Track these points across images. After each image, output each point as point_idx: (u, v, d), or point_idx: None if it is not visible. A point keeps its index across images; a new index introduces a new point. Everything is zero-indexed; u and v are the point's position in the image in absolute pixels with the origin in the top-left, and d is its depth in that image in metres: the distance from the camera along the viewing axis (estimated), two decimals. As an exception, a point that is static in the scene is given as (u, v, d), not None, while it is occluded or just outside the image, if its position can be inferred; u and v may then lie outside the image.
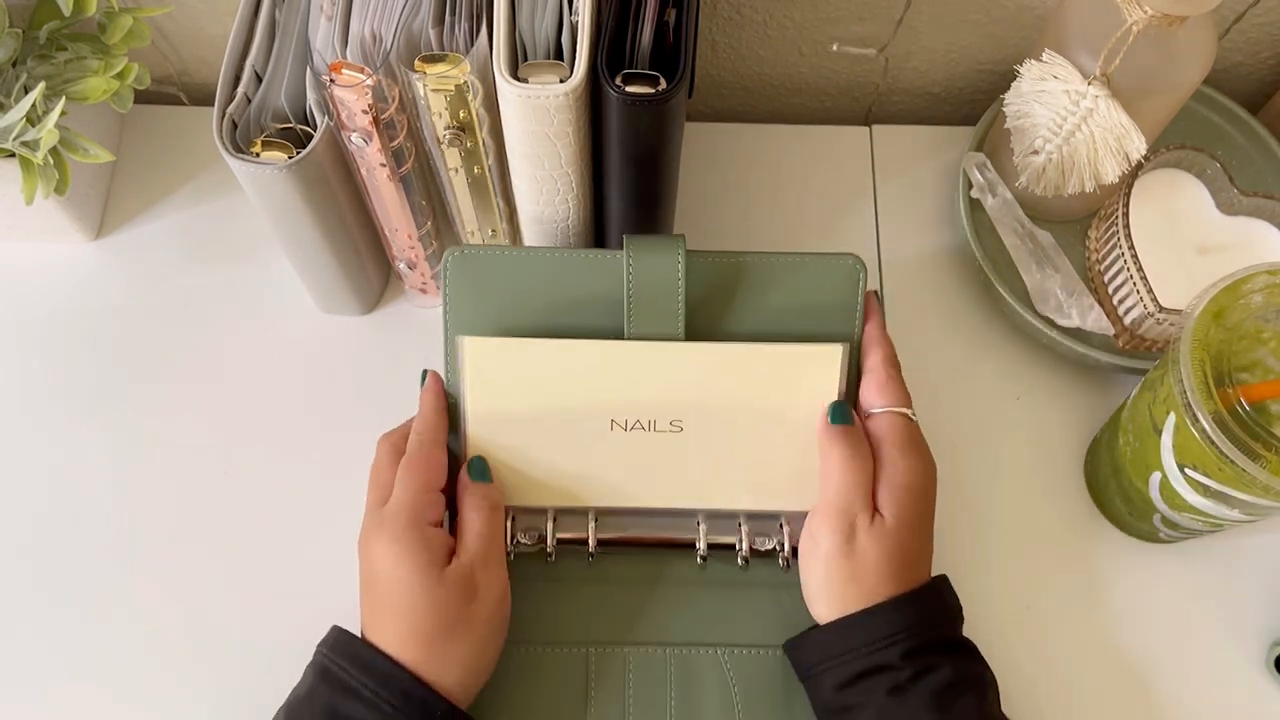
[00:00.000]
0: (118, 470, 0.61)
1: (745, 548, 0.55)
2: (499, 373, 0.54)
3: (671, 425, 0.55)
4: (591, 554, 0.55)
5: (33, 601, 0.58)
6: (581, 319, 0.55)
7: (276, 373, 0.64)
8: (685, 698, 0.54)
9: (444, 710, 0.48)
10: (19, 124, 0.55)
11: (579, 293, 0.55)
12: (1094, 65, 0.55)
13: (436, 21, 0.51)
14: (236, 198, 0.68)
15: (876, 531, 0.50)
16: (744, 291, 0.55)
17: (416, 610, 0.48)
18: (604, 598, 0.56)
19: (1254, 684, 0.58)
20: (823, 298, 0.55)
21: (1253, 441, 0.47)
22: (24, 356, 0.64)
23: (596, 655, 0.55)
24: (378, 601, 0.49)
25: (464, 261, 0.54)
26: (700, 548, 0.56)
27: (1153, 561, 0.60)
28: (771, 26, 0.68)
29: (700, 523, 0.56)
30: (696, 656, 0.55)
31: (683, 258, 0.53)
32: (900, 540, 0.50)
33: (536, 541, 0.55)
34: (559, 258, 0.55)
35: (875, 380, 0.54)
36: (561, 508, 0.56)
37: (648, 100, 0.48)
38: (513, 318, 0.55)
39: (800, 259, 0.55)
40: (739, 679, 0.54)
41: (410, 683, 0.47)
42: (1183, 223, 0.62)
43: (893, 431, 0.52)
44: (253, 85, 0.53)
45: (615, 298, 0.54)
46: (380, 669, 0.48)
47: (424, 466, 0.52)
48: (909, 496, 0.51)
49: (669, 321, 0.54)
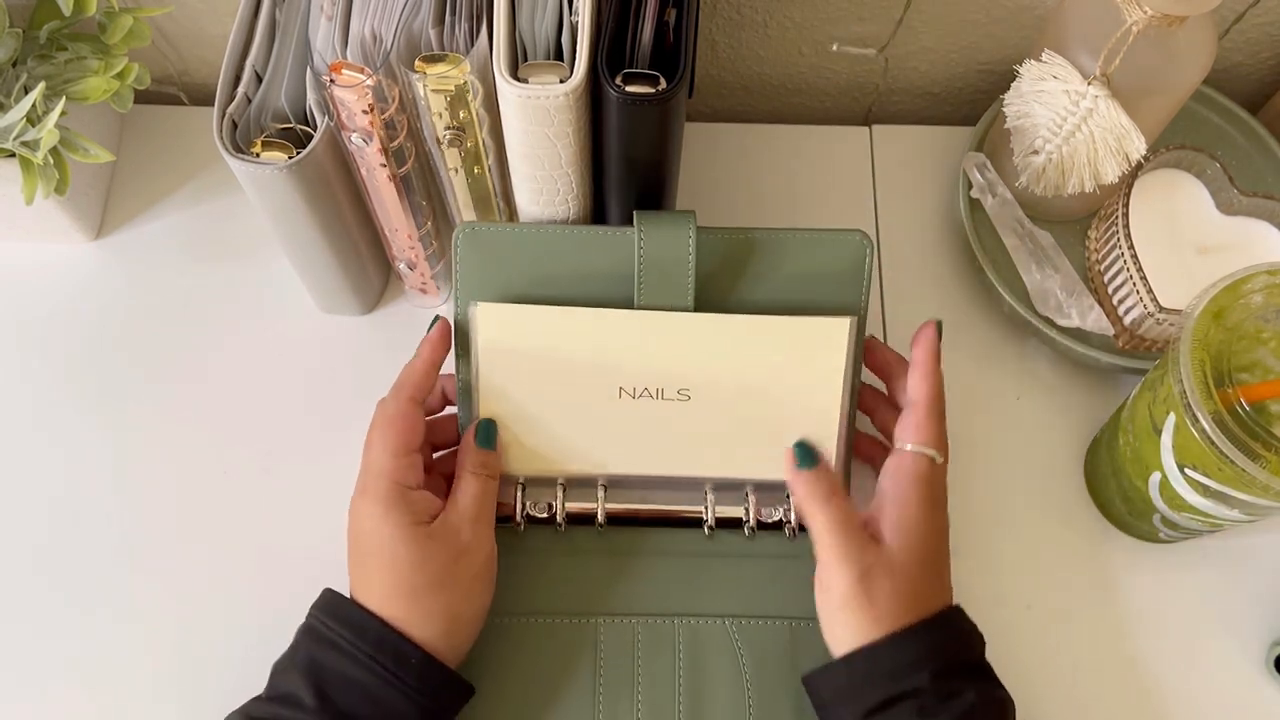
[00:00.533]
0: (118, 470, 0.61)
1: (752, 517, 0.56)
2: (510, 339, 0.55)
3: (679, 394, 0.55)
4: (601, 525, 0.56)
5: (33, 601, 0.58)
6: (590, 294, 0.55)
7: (276, 373, 0.64)
8: (693, 668, 0.54)
9: (419, 658, 0.48)
10: (19, 124, 0.55)
11: (588, 269, 0.55)
12: (1094, 65, 0.55)
13: (436, 21, 0.51)
14: (236, 198, 0.68)
15: (885, 567, 0.50)
16: (753, 266, 0.55)
17: (399, 565, 0.49)
18: (613, 569, 0.56)
19: (1254, 684, 0.58)
20: (830, 272, 0.55)
21: (1252, 441, 0.47)
22: (24, 356, 0.64)
23: (605, 626, 0.55)
24: (364, 561, 0.50)
25: (475, 237, 0.55)
26: (708, 518, 0.56)
27: (1153, 561, 0.60)
28: (771, 26, 0.68)
29: (708, 492, 0.57)
30: (705, 627, 0.55)
31: (693, 232, 0.53)
32: (910, 576, 0.50)
33: (546, 513, 0.56)
34: (569, 234, 0.55)
35: (913, 418, 0.53)
36: (570, 475, 0.56)
37: (648, 100, 0.48)
38: (522, 292, 0.55)
39: (809, 235, 0.55)
40: (747, 649, 0.54)
41: (384, 631, 0.48)
42: (1182, 223, 0.62)
43: (913, 471, 0.52)
44: (253, 85, 0.53)
45: (624, 273, 0.54)
46: (356, 620, 0.49)
47: (402, 428, 0.52)
48: (918, 534, 0.51)
49: (679, 293, 0.54)
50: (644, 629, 0.55)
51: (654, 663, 0.54)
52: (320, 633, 0.49)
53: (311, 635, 0.50)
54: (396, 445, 0.51)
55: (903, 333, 0.65)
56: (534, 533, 0.56)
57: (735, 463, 0.56)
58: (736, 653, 0.55)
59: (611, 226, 0.55)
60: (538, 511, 0.56)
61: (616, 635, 0.55)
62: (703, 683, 0.54)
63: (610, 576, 0.56)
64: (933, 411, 0.53)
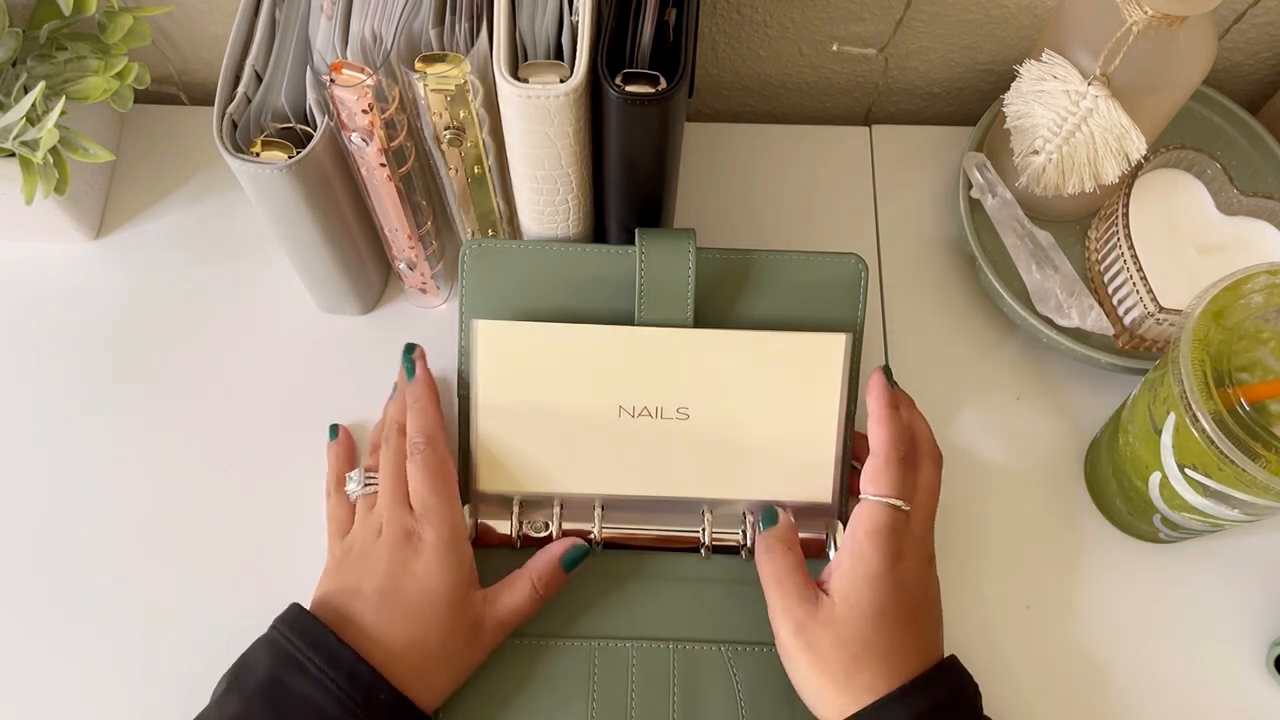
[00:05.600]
0: (117, 469, 0.61)
1: (749, 540, 0.56)
2: (511, 357, 0.55)
3: (678, 413, 0.55)
4: (597, 543, 0.56)
5: (32, 600, 0.58)
6: (592, 309, 0.56)
7: (276, 373, 0.64)
8: (688, 694, 0.54)
9: (388, 695, 0.49)
10: (19, 124, 0.55)
11: (590, 286, 0.56)
12: (1094, 65, 0.55)
13: (436, 21, 0.51)
14: (236, 198, 0.68)
15: (824, 618, 0.49)
16: (750, 285, 0.56)
17: (428, 621, 0.50)
18: (608, 592, 0.56)
19: (1254, 684, 0.58)
20: (827, 290, 0.56)
21: (1252, 441, 0.47)
22: (24, 356, 0.64)
23: (600, 650, 0.55)
24: (386, 596, 0.51)
25: (481, 253, 0.56)
26: (705, 540, 0.56)
27: (1153, 561, 0.60)
28: (771, 26, 0.68)
29: (705, 513, 0.56)
30: (700, 653, 0.55)
31: (693, 251, 0.54)
32: (858, 629, 0.49)
33: (543, 533, 0.56)
34: (572, 252, 0.56)
35: (871, 466, 0.52)
36: (568, 495, 0.56)
37: (648, 100, 0.48)
38: (525, 308, 0.56)
39: (805, 257, 0.57)
40: (742, 676, 0.54)
41: (357, 664, 0.49)
42: (1182, 223, 0.62)
43: (870, 521, 0.51)
44: (253, 85, 0.53)
45: (626, 291, 0.55)
46: (328, 646, 0.49)
47: (451, 477, 0.54)
48: (870, 586, 0.50)
49: (678, 308, 0.55)
50: (639, 653, 0.55)
51: (648, 688, 0.54)
52: (293, 657, 0.49)
53: (276, 651, 0.49)
54: (453, 493, 0.54)
55: (902, 335, 0.65)
56: (530, 553, 0.56)
57: (733, 483, 0.56)
58: (732, 679, 0.54)
59: (614, 245, 0.56)
60: (534, 531, 0.56)
61: (611, 659, 0.55)
62: (697, 709, 0.54)
63: (606, 600, 0.56)
64: (890, 459, 0.52)
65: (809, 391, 0.55)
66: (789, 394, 0.55)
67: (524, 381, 0.55)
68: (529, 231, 0.58)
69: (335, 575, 0.53)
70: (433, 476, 0.53)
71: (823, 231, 0.69)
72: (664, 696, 0.54)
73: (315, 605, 0.52)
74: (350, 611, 0.51)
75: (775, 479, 0.56)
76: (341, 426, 0.61)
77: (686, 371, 0.55)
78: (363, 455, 0.60)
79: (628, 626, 0.55)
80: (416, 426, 0.55)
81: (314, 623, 0.50)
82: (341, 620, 0.51)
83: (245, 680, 0.49)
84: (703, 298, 0.55)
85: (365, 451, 0.60)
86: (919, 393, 0.59)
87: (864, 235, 0.69)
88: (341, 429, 0.60)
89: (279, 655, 0.49)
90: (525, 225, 0.58)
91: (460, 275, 0.57)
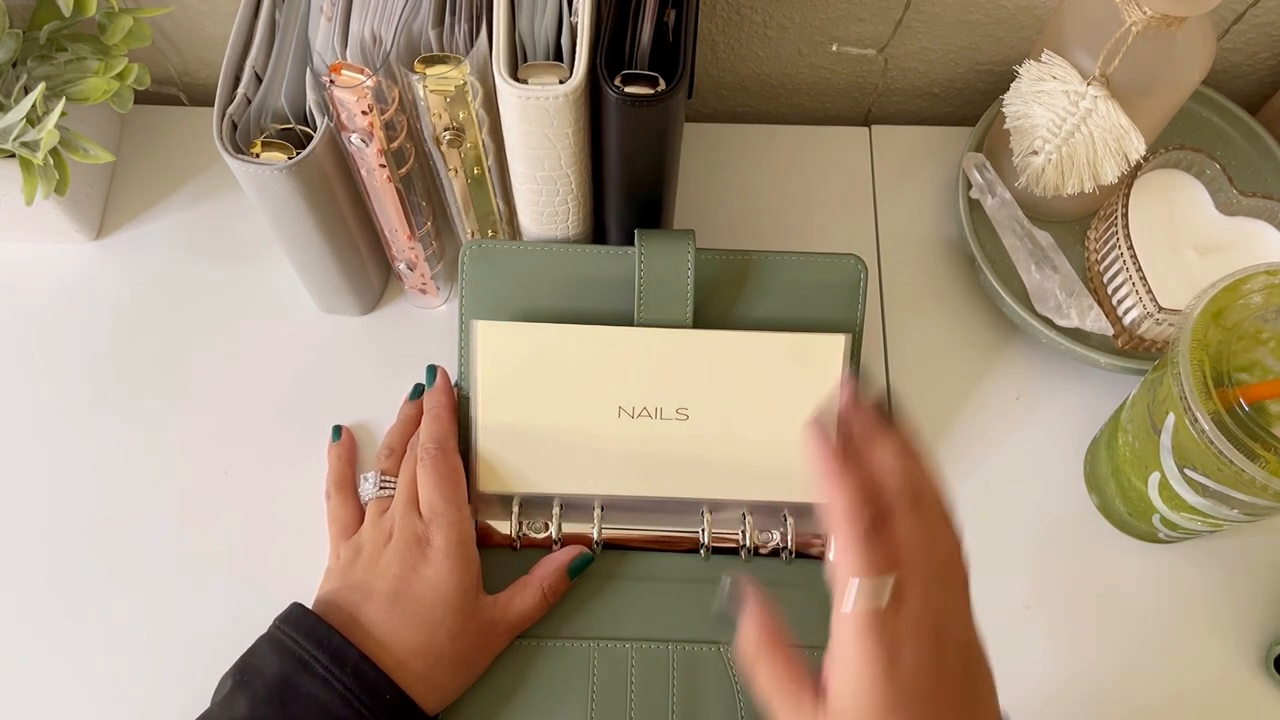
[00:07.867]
0: (117, 469, 0.61)
1: (749, 540, 0.56)
2: (511, 358, 0.55)
3: (678, 413, 0.55)
4: (597, 542, 0.56)
5: (32, 600, 0.58)
6: (592, 310, 0.56)
7: (276, 373, 0.64)
8: (687, 694, 0.54)
9: (393, 695, 0.49)
10: (19, 124, 0.55)
11: (590, 287, 0.56)
12: (1093, 66, 0.55)
13: (436, 22, 0.51)
14: (236, 198, 0.68)
15: None
16: (750, 286, 0.56)
17: (437, 626, 0.51)
18: (608, 592, 0.56)
19: (1254, 684, 0.58)
20: (827, 291, 0.57)
21: (1251, 442, 0.47)
22: (24, 356, 0.64)
23: (599, 650, 0.55)
24: (397, 600, 0.51)
25: (481, 254, 0.56)
26: (704, 541, 0.56)
27: (1153, 561, 0.60)
28: (771, 26, 0.68)
29: (705, 514, 0.56)
30: (699, 653, 0.55)
31: (692, 252, 0.54)
32: None
33: (543, 533, 0.56)
34: (572, 252, 0.56)
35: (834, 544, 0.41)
36: (567, 495, 0.56)
37: (647, 100, 0.48)
38: (525, 309, 0.56)
39: (805, 257, 0.57)
40: (742, 676, 0.54)
41: (362, 663, 0.49)
42: (1182, 223, 0.62)
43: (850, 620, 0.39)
44: (253, 86, 0.53)
45: (626, 292, 0.55)
46: (334, 645, 0.49)
47: (461, 482, 0.55)
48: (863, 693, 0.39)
49: (678, 309, 0.55)
50: (638, 654, 0.55)
51: (648, 688, 0.54)
52: (303, 658, 0.49)
53: (282, 651, 0.50)
54: (462, 499, 0.54)
55: (902, 336, 0.65)
56: (530, 554, 0.56)
57: (732, 484, 0.56)
58: (731, 680, 0.54)
59: (614, 246, 0.56)
60: (534, 532, 0.56)
61: (610, 660, 0.55)
62: (697, 710, 0.54)
63: (605, 600, 0.56)
64: (852, 533, 0.40)
65: (809, 392, 0.55)
66: (789, 395, 0.55)
67: (524, 382, 0.55)
68: (529, 232, 0.58)
69: (342, 576, 0.54)
70: (442, 482, 0.54)
71: (822, 232, 0.69)
72: (663, 697, 0.54)
73: (319, 605, 0.52)
74: (359, 614, 0.51)
75: (775, 480, 0.56)
76: (345, 429, 0.61)
77: (686, 372, 0.55)
78: (367, 458, 0.60)
79: (627, 627, 0.55)
80: (429, 433, 0.56)
81: (318, 621, 0.50)
82: (350, 622, 0.51)
83: (251, 680, 0.49)
84: (702, 298, 0.56)
85: (372, 454, 0.60)
86: (918, 393, 0.59)
87: (863, 236, 0.69)
88: (345, 431, 0.61)
89: (285, 654, 0.49)
90: (525, 226, 0.58)
91: (460, 276, 0.57)
